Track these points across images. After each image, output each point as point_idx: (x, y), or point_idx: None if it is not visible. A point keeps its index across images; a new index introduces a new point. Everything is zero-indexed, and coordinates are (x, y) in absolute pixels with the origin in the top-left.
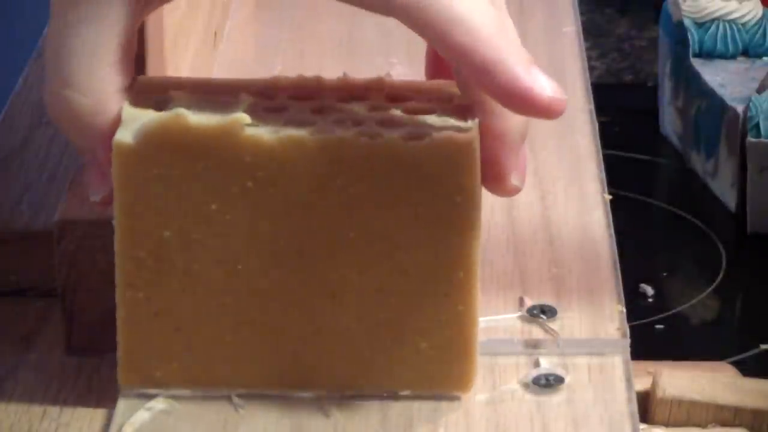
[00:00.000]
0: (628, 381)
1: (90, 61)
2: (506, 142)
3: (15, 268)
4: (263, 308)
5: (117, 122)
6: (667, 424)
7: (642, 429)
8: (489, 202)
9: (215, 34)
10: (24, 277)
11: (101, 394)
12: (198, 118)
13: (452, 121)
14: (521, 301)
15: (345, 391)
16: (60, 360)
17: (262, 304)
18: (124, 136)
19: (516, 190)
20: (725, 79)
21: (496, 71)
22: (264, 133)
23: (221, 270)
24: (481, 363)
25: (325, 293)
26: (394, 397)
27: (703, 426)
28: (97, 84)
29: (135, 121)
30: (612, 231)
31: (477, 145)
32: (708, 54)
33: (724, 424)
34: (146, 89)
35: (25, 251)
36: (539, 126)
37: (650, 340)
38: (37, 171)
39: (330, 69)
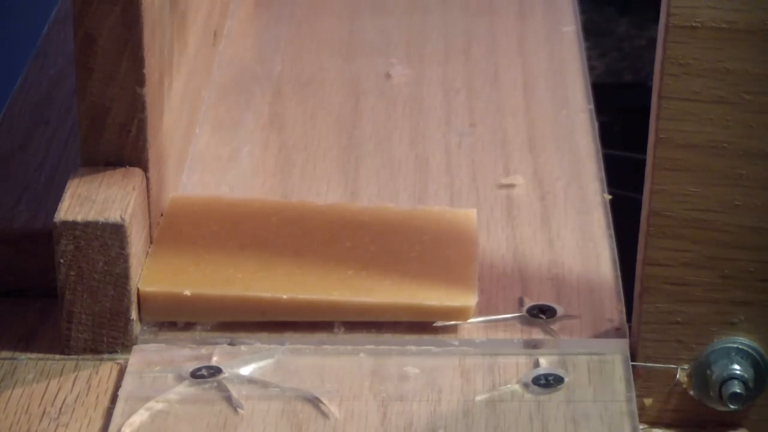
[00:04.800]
0: (628, 381)
1: None
2: None
3: (14, 268)
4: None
5: None
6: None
7: (642, 429)
8: (489, 202)
9: (215, 33)
10: (23, 277)
11: (100, 394)
12: None
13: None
14: (521, 301)
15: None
16: (59, 360)
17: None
18: None
19: None
20: None
21: None
22: None
23: None
24: (481, 363)
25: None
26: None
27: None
28: None
29: None
30: (612, 231)
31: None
32: None
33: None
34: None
35: (24, 251)
36: (539, 126)
37: None
38: (36, 171)
39: (330, 69)
